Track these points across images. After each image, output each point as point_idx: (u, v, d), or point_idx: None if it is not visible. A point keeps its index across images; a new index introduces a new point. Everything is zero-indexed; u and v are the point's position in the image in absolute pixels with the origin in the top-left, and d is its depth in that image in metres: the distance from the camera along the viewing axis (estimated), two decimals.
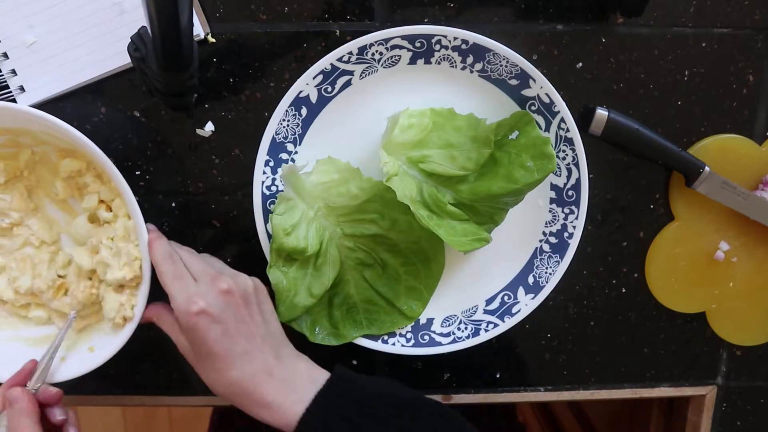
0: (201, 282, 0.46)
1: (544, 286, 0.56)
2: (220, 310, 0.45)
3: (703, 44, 0.55)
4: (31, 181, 0.55)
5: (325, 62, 0.50)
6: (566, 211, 0.55)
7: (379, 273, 0.54)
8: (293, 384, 0.46)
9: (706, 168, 0.55)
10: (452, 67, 0.52)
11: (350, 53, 0.50)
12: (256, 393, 0.45)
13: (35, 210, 0.55)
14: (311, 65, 0.50)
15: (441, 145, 0.51)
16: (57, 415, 0.48)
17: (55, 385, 0.51)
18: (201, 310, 0.44)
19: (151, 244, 0.48)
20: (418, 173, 0.51)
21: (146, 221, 0.49)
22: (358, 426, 0.44)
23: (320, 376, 0.48)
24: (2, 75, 0.52)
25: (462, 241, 0.50)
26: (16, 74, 0.52)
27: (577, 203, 0.54)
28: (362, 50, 0.50)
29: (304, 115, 0.52)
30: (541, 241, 0.56)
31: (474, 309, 0.57)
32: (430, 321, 0.57)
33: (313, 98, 0.52)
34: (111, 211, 0.53)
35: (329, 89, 0.52)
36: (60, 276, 0.55)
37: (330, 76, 0.51)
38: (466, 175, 0.51)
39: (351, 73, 0.51)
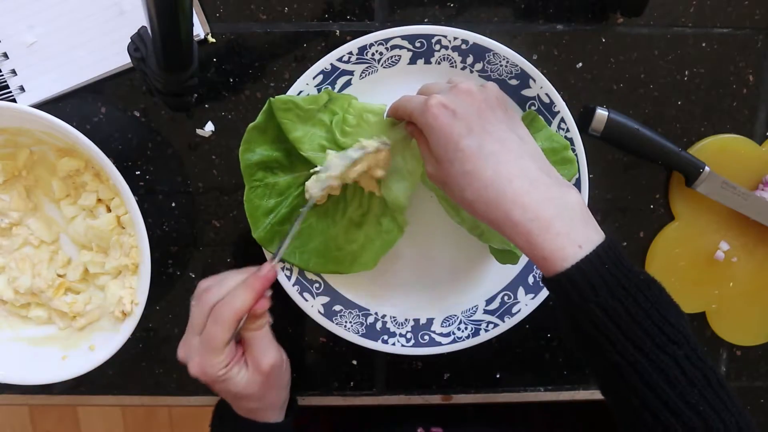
0: (441, 90, 0.43)
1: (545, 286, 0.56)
2: (461, 107, 0.41)
3: (703, 44, 0.55)
4: (30, 181, 0.55)
5: (325, 62, 0.50)
6: None
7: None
8: (562, 210, 0.38)
9: (706, 168, 0.55)
10: (452, 67, 0.52)
11: (350, 53, 0.50)
12: (517, 202, 0.38)
13: (34, 210, 0.55)
14: (311, 65, 0.50)
15: None
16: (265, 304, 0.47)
17: (56, 384, 0.51)
18: (439, 102, 0.40)
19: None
20: None
21: (146, 221, 0.49)
22: (635, 300, 0.37)
23: (591, 220, 0.40)
24: (2, 75, 0.52)
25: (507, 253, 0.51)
26: (16, 74, 0.52)
27: None
28: (362, 50, 0.50)
29: None
30: None
31: (474, 309, 0.57)
32: (430, 321, 0.57)
33: None
34: (110, 210, 0.54)
35: (329, 89, 0.52)
36: (59, 275, 0.55)
37: (330, 76, 0.51)
38: None
39: (351, 73, 0.51)
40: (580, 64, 0.54)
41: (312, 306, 0.55)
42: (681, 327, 0.38)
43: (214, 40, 0.52)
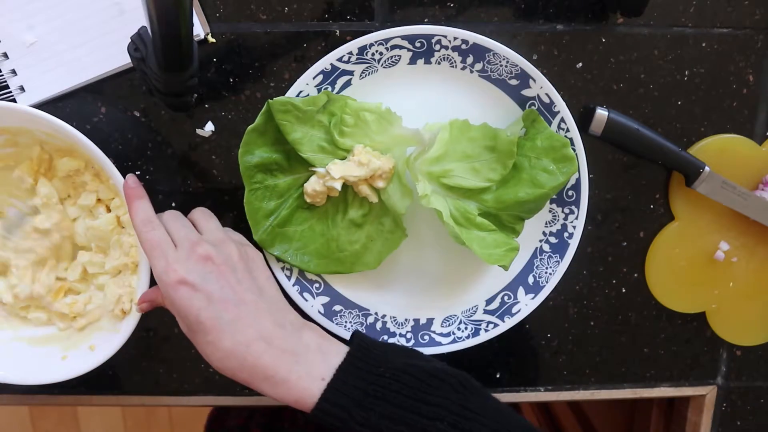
0: (180, 248, 0.44)
1: (544, 286, 0.56)
2: (200, 278, 0.43)
3: (703, 44, 0.55)
4: None
5: (325, 62, 0.50)
6: (566, 211, 0.55)
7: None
8: (299, 355, 0.43)
9: (706, 168, 0.55)
10: (452, 67, 0.52)
11: (350, 53, 0.50)
12: (257, 365, 0.42)
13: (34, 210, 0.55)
14: (311, 65, 0.50)
15: (458, 157, 0.50)
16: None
17: (56, 384, 0.52)
18: (180, 279, 0.42)
19: (132, 205, 0.46)
20: (438, 187, 0.51)
21: None
22: (386, 402, 0.41)
23: (330, 346, 0.45)
24: (2, 75, 0.52)
25: (497, 254, 0.50)
26: (16, 74, 0.52)
27: (577, 203, 0.54)
28: (362, 50, 0.50)
29: None
30: (541, 241, 0.56)
31: (474, 309, 0.57)
32: (430, 321, 0.57)
33: None
34: (110, 210, 0.54)
35: (329, 89, 0.52)
36: (59, 278, 0.55)
37: (330, 76, 0.51)
38: (489, 185, 0.51)
39: (351, 73, 0.51)
40: (580, 64, 0.54)
41: (312, 306, 0.55)
42: (441, 401, 0.42)
43: (214, 40, 0.52)
